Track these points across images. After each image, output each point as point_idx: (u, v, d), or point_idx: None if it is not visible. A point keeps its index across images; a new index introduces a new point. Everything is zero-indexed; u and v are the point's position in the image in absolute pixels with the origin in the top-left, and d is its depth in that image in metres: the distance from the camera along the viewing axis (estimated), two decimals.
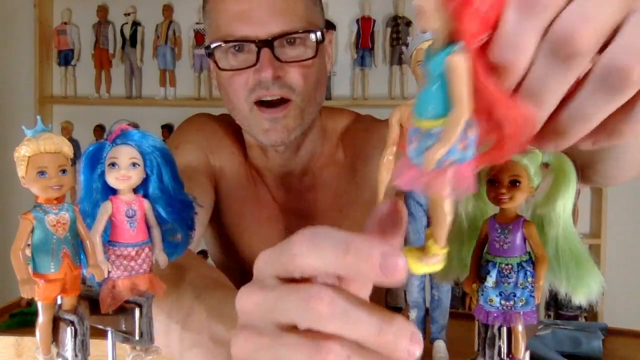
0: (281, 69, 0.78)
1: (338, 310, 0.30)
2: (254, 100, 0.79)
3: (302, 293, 0.32)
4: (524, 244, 0.47)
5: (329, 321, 0.30)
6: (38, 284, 0.39)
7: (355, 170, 0.91)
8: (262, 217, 0.93)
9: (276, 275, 0.34)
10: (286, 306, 0.32)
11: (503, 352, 0.48)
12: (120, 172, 0.42)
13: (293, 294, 0.32)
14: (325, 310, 0.30)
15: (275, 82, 0.78)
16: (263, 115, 0.80)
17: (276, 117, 0.80)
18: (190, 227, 0.48)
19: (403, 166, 0.30)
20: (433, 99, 0.28)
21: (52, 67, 2.48)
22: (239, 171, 0.94)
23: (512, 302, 0.47)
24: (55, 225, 0.40)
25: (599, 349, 0.71)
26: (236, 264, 0.96)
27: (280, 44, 0.78)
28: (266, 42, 0.77)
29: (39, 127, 0.41)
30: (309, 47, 0.80)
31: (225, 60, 0.81)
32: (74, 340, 0.40)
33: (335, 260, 0.31)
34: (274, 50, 0.77)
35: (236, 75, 0.80)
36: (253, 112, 0.81)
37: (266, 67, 0.77)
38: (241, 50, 0.80)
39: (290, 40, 0.79)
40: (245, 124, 0.84)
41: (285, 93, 0.79)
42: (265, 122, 0.81)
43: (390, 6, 2.35)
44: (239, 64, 0.80)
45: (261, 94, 0.79)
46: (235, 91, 0.81)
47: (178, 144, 0.91)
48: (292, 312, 0.32)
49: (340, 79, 2.40)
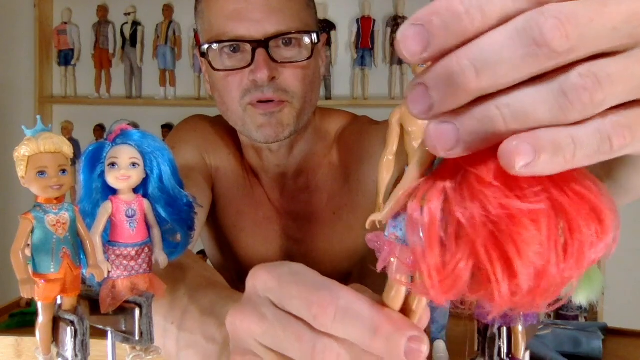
0: (276, 70, 0.77)
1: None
2: (248, 102, 0.79)
3: (307, 343, 0.31)
4: None
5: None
6: (38, 284, 0.39)
7: (349, 172, 0.90)
8: (258, 218, 0.93)
9: (275, 305, 0.34)
10: (289, 350, 0.32)
11: (503, 352, 0.48)
12: (120, 172, 0.42)
13: (297, 342, 0.32)
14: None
15: (270, 84, 0.77)
16: (257, 110, 0.79)
17: (271, 112, 0.79)
18: (190, 227, 0.48)
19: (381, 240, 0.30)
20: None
21: (52, 67, 2.49)
22: (235, 172, 0.94)
23: None
24: (55, 225, 0.40)
25: (599, 349, 0.71)
26: (233, 264, 0.96)
27: (275, 45, 0.78)
28: (261, 42, 0.76)
29: (39, 127, 0.41)
30: (304, 49, 0.80)
31: (220, 60, 0.80)
32: (74, 340, 0.40)
33: (360, 340, 0.30)
34: (269, 50, 0.77)
35: (230, 75, 0.79)
36: (247, 111, 0.80)
37: (262, 67, 0.76)
38: (236, 50, 0.79)
39: (286, 41, 0.78)
40: (239, 124, 0.84)
41: (280, 96, 0.78)
42: (260, 117, 0.80)
43: (390, 6, 2.35)
44: (233, 64, 0.79)
45: (256, 97, 0.78)
46: (229, 92, 0.80)
47: (174, 144, 0.90)
48: (296, 357, 0.32)
49: (340, 79, 2.40)
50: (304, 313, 0.31)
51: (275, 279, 0.33)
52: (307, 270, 0.34)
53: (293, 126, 0.82)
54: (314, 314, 0.31)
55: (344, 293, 0.31)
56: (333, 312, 0.30)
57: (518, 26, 0.21)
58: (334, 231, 0.90)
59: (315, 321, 0.31)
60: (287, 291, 0.33)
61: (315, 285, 0.32)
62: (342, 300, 0.30)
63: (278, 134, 0.81)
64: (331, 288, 0.31)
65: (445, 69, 0.22)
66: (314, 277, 0.33)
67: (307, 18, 0.82)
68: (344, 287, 0.32)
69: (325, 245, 0.91)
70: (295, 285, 0.32)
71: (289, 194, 0.93)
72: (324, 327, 0.31)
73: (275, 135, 0.81)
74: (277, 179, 0.92)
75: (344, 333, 0.30)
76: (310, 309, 0.31)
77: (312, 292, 0.31)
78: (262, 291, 0.34)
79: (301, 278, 0.33)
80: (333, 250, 0.90)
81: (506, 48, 0.21)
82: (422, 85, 0.23)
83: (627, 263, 2.24)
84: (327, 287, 0.31)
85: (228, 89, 0.80)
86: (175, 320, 0.55)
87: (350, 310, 0.30)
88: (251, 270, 0.35)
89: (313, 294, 0.31)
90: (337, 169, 0.92)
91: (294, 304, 0.32)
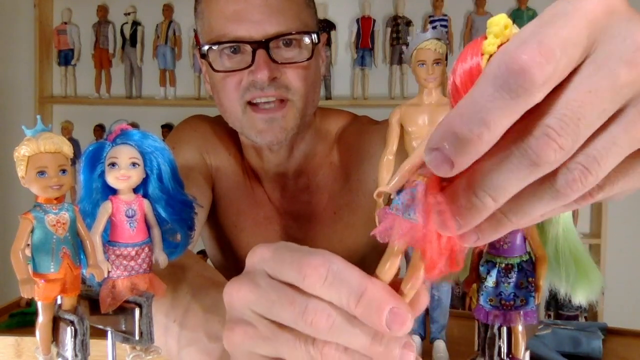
0: (277, 70, 0.77)
1: (335, 326, 0.32)
2: (247, 100, 0.78)
3: (299, 305, 0.32)
4: (524, 244, 0.47)
5: (325, 334, 0.32)
6: (38, 284, 0.39)
7: (349, 172, 0.90)
8: (258, 218, 0.93)
9: (271, 275, 0.35)
10: (281, 314, 0.33)
11: (503, 352, 0.48)
12: (120, 172, 0.42)
13: (289, 305, 0.33)
14: (322, 326, 0.32)
15: (271, 83, 0.77)
16: (257, 115, 0.79)
17: (273, 117, 0.79)
18: (190, 227, 0.48)
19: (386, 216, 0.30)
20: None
21: (52, 67, 2.49)
22: (235, 171, 0.94)
23: (512, 302, 0.47)
24: (55, 225, 0.40)
25: (599, 349, 0.71)
26: (233, 263, 0.96)
27: (275, 45, 0.77)
28: (261, 43, 0.76)
29: (39, 127, 0.41)
30: (305, 49, 0.79)
31: (220, 61, 0.79)
32: (74, 340, 0.40)
33: (346, 303, 0.31)
34: (270, 51, 0.76)
35: (230, 76, 0.79)
36: (246, 113, 0.80)
37: (262, 68, 0.76)
38: (236, 51, 0.78)
39: (286, 42, 0.78)
40: (238, 125, 0.83)
41: (281, 93, 0.78)
42: (260, 123, 0.80)
43: (390, 6, 2.35)
44: (233, 65, 0.79)
45: (255, 95, 0.78)
46: (229, 92, 0.80)
47: (174, 144, 0.90)
48: (288, 320, 0.33)
49: (340, 79, 2.40)
50: (295, 275, 0.33)
51: (271, 251, 0.35)
52: (305, 247, 0.35)
53: (295, 128, 0.82)
54: (305, 274, 0.32)
55: (336, 259, 0.33)
56: (324, 274, 0.32)
57: (517, 153, 0.24)
58: (334, 231, 0.90)
59: (305, 281, 0.32)
60: (280, 258, 0.34)
61: (309, 251, 0.34)
62: (334, 265, 0.32)
63: (280, 139, 0.81)
64: (324, 254, 0.33)
65: (469, 202, 0.25)
66: (308, 248, 0.35)
67: (307, 18, 0.81)
68: (337, 255, 0.33)
69: (326, 245, 0.90)
70: (289, 252, 0.34)
71: (290, 194, 0.93)
72: (312, 288, 0.32)
73: (277, 140, 0.81)
74: (277, 179, 0.92)
75: (331, 296, 0.32)
76: (301, 270, 0.32)
77: (305, 255, 0.33)
78: (258, 263, 0.36)
79: (295, 247, 0.35)
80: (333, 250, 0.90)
81: (513, 174, 0.24)
82: (453, 219, 0.26)
83: (627, 263, 2.24)
84: (320, 253, 0.33)
85: (227, 89, 0.80)
86: (177, 318, 0.55)
87: (340, 274, 0.32)
88: (251, 249, 0.37)
89: (306, 257, 0.33)
90: (338, 169, 0.92)
91: (286, 268, 0.33)
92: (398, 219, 0.29)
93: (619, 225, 2.22)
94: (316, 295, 0.32)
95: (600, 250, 2.17)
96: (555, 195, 0.24)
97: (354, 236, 0.89)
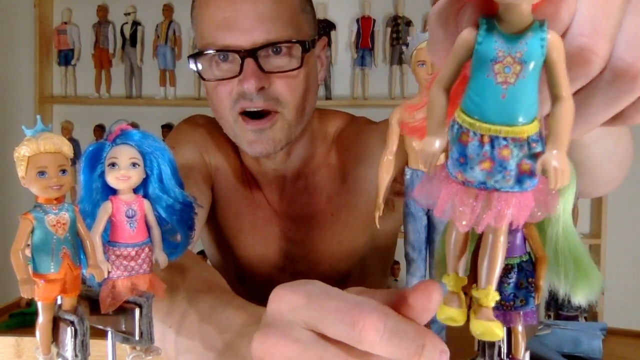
0: (266, 80, 0.76)
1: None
2: (238, 110, 0.78)
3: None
4: (524, 244, 0.47)
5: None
6: (38, 284, 0.39)
7: (347, 173, 0.90)
8: (257, 219, 0.93)
9: (309, 327, 0.32)
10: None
11: (503, 352, 0.48)
12: (120, 172, 0.42)
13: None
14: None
15: (260, 93, 0.76)
16: (247, 126, 0.79)
17: (262, 129, 0.78)
18: (190, 227, 0.48)
19: (446, 184, 0.26)
20: (526, 95, 0.22)
21: (52, 67, 2.49)
22: (234, 172, 0.94)
23: (512, 302, 0.47)
24: (55, 225, 0.40)
25: (599, 349, 0.71)
26: (232, 264, 0.96)
27: (265, 54, 0.76)
28: (250, 52, 0.75)
29: (39, 127, 0.41)
30: (295, 57, 0.78)
31: (210, 69, 0.79)
32: (74, 340, 0.40)
33: (407, 358, 0.30)
34: (258, 60, 0.75)
35: (221, 85, 0.78)
36: (238, 122, 0.79)
37: (249, 78, 0.74)
38: (226, 59, 0.77)
39: (276, 50, 0.77)
40: (231, 133, 0.83)
41: (270, 106, 0.77)
42: (250, 134, 0.79)
43: (390, 6, 2.35)
44: (223, 73, 0.78)
45: (245, 105, 0.77)
46: (220, 101, 0.79)
47: (174, 144, 0.90)
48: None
49: (340, 79, 2.40)
50: (345, 329, 0.30)
51: (304, 297, 0.32)
52: (331, 288, 0.32)
53: (285, 140, 0.81)
54: (360, 328, 0.29)
55: (389, 310, 0.30)
56: (382, 329, 0.29)
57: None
58: (333, 232, 0.90)
59: (361, 336, 0.29)
60: (322, 308, 0.31)
61: (356, 300, 0.31)
62: (390, 319, 0.30)
63: (269, 150, 0.81)
64: (373, 304, 0.30)
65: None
66: (345, 293, 0.32)
67: (301, 24, 0.80)
68: (380, 304, 0.31)
69: (325, 246, 0.90)
70: (330, 300, 0.31)
71: (288, 196, 0.92)
72: (369, 345, 0.29)
73: (266, 151, 0.81)
74: (275, 181, 0.92)
75: (390, 352, 0.29)
76: (355, 324, 0.29)
77: (354, 307, 0.30)
78: (289, 312, 0.32)
79: (332, 292, 0.31)
80: (332, 251, 0.90)
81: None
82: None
83: (627, 263, 2.24)
84: (367, 303, 0.30)
85: (219, 97, 0.79)
86: (173, 324, 0.55)
87: (398, 327, 0.29)
88: (272, 293, 0.33)
89: (356, 309, 0.30)
90: (336, 170, 0.92)
91: (332, 319, 0.30)
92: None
93: (619, 225, 2.21)
94: (369, 351, 0.30)
95: (600, 250, 2.17)
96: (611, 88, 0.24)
97: (353, 237, 0.89)
